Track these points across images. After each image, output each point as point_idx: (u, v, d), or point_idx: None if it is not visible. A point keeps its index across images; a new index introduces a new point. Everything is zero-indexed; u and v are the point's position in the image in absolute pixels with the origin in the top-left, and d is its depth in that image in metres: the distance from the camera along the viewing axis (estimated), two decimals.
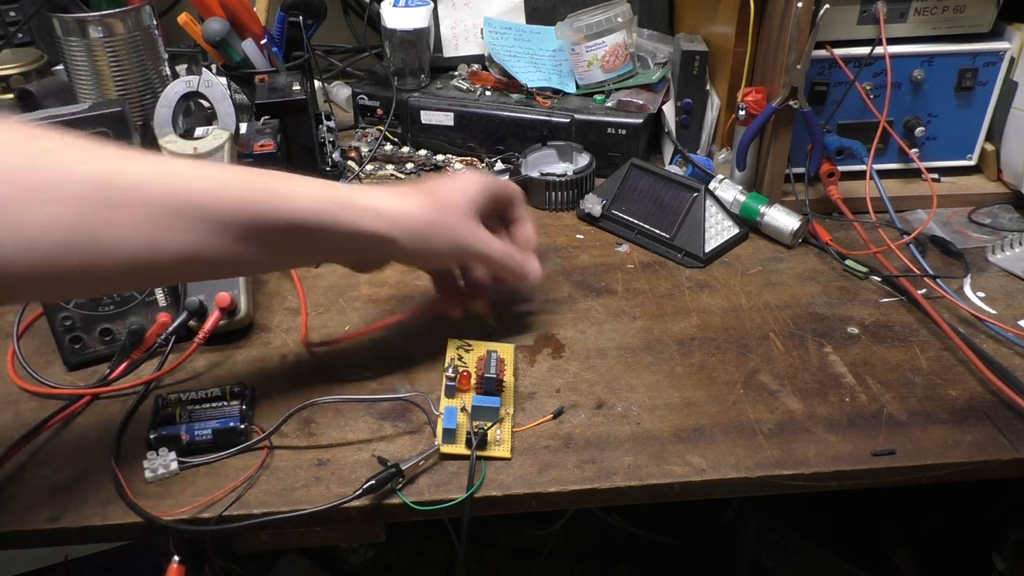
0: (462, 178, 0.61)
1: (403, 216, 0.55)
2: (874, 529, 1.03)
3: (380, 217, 0.54)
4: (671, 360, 0.66)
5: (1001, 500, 0.89)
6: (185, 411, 0.57)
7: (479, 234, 0.60)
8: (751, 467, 0.56)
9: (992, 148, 0.87)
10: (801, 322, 0.70)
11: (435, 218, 0.57)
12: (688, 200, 0.81)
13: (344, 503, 0.53)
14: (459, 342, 0.66)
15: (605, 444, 0.58)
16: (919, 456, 0.57)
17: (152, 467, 0.55)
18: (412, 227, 0.56)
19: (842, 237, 0.82)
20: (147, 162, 0.48)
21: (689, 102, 0.92)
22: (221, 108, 0.74)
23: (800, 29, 0.75)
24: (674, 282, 0.76)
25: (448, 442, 0.56)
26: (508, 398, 0.61)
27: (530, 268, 0.64)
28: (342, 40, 1.23)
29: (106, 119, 0.63)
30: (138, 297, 0.68)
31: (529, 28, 1.08)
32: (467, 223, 0.59)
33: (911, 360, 0.66)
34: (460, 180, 0.61)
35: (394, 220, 0.55)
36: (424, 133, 1.00)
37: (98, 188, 0.44)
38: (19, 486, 0.55)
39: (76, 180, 0.44)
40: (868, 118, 0.83)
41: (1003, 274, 0.76)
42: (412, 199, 0.57)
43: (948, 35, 0.82)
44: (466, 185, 0.60)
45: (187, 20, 0.86)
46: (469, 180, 0.61)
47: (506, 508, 0.55)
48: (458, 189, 0.59)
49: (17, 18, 1.03)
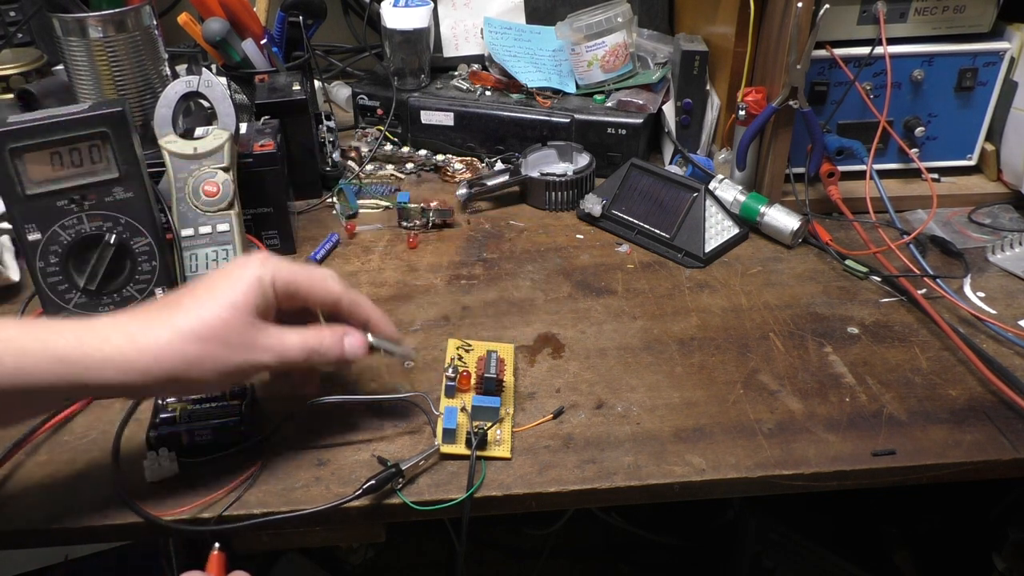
0: (229, 278, 0.51)
1: (149, 361, 0.46)
2: (874, 529, 1.03)
3: (121, 369, 0.46)
4: (671, 360, 0.66)
5: (1001, 500, 0.89)
6: (185, 411, 0.57)
7: (261, 344, 0.50)
8: (751, 467, 0.56)
9: (992, 148, 0.87)
10: (801, 322, 0.70)
11: (190, 352, 0.47)
12: (688, 200, 0.81)
13: (344, 503, 0.53)
14: (459, 342, 0.66)
15: (605, 444, 0.58)
16: (919, 456, 0.57)
17: (152, 467, 0.55)
18: (163, 371, 0.47)
19: (842, 237, 0.82)
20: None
21: (689, 102, 0.92)
22: (221, 108, 0.74)
23: (800, 29, 0.75)
24: (674, 282, 0.76)
25: (448, 442, 0.56)
26: (508, 398, 0.61)
27: (348, 351, 0.55)
28: (342, 40, 1.23)
29: (106, 119, 0.63)
30: (138, 297, 0.68)
31: (529, 28, 1.08)
32: (238, 340, 0.49)
33: (911, 360, 0.66)
34: (224, 283, 0.50)
35: (139, 368, 0.46)
36: (424, 133, 1.00)
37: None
38: (19, 486, 0.55)
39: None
40: (868, 118, 0.83)
41: (1003, 274, 0.76)
42: (161, 331, 0.47)
43: (948, 35, 0.82)
44: (232, 291, 0.50)
45: (187, 20, 0.86)
46: (237, 281, 0.50)
47: (506, 508, 0.55)
48: (220, 300, 0.49)
49: (17, 18, 1.03)
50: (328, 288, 0.55)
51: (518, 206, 0.91)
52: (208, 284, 0.51)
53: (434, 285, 0.76)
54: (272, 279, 0.52)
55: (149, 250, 0.68)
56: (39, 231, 0.64)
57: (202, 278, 0.52)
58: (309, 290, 0.54)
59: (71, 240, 0.65)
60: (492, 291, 0.75)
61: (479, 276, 0.78)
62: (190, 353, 0.47)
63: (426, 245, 0.83)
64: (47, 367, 0.45)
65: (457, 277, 0.78)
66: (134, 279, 0.68)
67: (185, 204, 0.71)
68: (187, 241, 0.71)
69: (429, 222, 0.85)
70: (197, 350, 0.48)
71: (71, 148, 0.64)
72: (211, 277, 0.52)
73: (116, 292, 0.68)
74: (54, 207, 0.64)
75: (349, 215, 0.88)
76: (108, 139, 0.64)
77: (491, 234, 0.85)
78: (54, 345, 0.45)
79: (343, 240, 0.84)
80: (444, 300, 0.74)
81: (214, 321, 0.48)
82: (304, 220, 0.88)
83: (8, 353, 0.44)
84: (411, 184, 0.96)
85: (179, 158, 0.71)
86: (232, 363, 0.49)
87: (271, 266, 0.52)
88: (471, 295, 0.75)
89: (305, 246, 0.83)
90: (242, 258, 0.53)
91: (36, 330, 0.46)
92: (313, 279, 0.54)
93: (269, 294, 0.51)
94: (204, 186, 0.71)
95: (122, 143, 0.64)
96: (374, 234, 0.85)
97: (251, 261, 0.52)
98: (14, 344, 0.45)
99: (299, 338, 0.52)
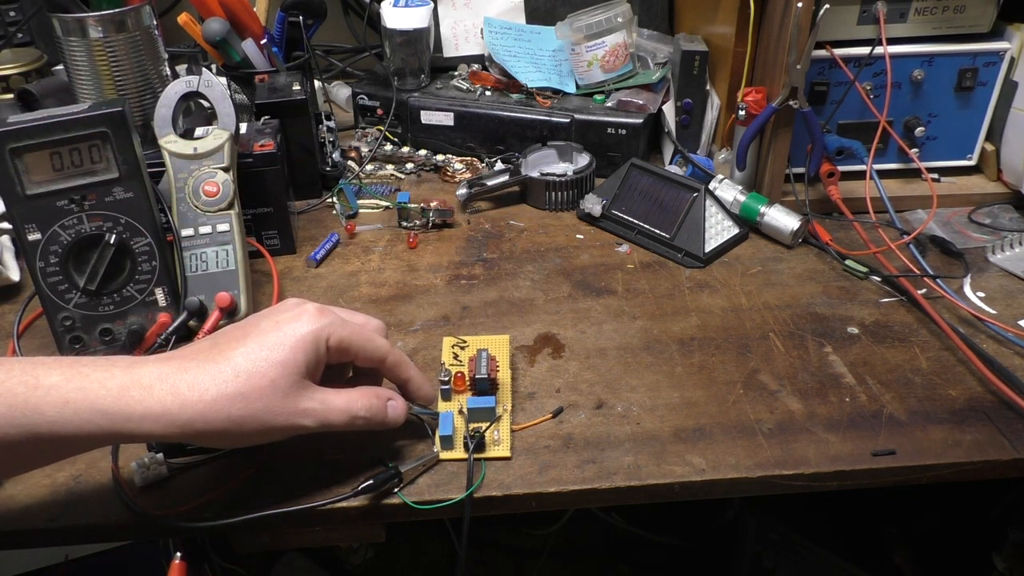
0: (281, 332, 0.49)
1: (192, 417, 0.45)
2: (874, 529, 1.02)
3: (162, 423, 0.45)
4: (671, 360, 0.66)
5: (1001, 500, 0.89)
6: None
7: (305, 408, 0.49)
8: (751, 467, 0.56)
9: (992, 148, 0.87)
10: (801, 322, 0.70)
11: (234, 413, 0.46)
12: (688, 200, 0.81)
13: (343, 501, 0.53)
14: (454, 339, 0.66)
15: (605, 444, 0.58)
16: (919, 456, 0.57)
17: (141, 472, 0.54)
18: (205, 428, 0.46)
19: (842, 237, 0.82)
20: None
21: (689, 102, 0.92)
22: (221, 108, 0.74)
23: (800, 29, 0.75)
24: (674, 282, 0.76)
25: (446, 448, 0.56)
26: (504, 394, 0.61)
27: (390, 417, 0.53)
28: (342, 40, 1.23)
29: (106, 119, 0.63)
30: (138, 297, 0.68)
31: (529, 28, 1.08)
32: (281, 404, 0.47)
33: (911, 360, 0.66)
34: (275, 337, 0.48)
35: (180, 423, 0.45)
36: (424, 133, 1.00)
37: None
38: (19, 486, 0.55)
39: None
40: (868, 118, 0.83)
41: (1003, 274, 0.76)
42: (207, 387, 0.46)
43: (948, 35, 0.82)
44: (283, 349, 0.48)
45: (187, 20, 0.86)
46: (289, 337, 0.48)
47: (506, 508, 0.55)
48: (271, 358, 0.47)
49: (17, 18, 1.03)
50: (377, 347, 0.53)
51: (518, 206, 0.91)
52: (260, 335, 0.49)
53: (434, 285, 0.76)
54: (328, 337, 0.50)
55: (149, 250, 0.68)
56: (39, 231, 0.64)
57: (254, 320, 0.50)
58: (360, 350, 0.52)
59: (71, 240, 0.65)
60: (492, 291, 0.75)
61: (479, 276, 0.78)
62: (233, 414, 0.46)
63: (426, 245, 0.83)
64: (88, 418, 0.44)
65: (457, 277, 0.78)
66: (134, 279, 0.68)
67: (185, 204, 0.71)
68: (187, 241, 0.71)
69: (429, 222, 0.85)
70: (240, 410, 0.46)
71: (71, 148, 0.63)
72: (264, 325, 0.49)
73: (116, 292, 0.68)
74: (54, 207, 0.64)
75: (349, 215, 0.88)
76: (108, 139, 0.64)
77: (491, 234, 0.85)
78: (95, 396, 0.44)
79: (343, 240, 0.84)
80: (444, 300, 0.74)
81: (261, 380, 0.47)
82: (304, 220, 0.88)
83: (50, 404, 0.43)
84: (411, 184, 0.96)
85: (179, 158, 0.71)
86: (273, 424, 0.48)
87: (328, 323, 0.50)
88: (471, 295, 0.75)
89: (305, 246, 0.83)
90: (296, 305, 0.51)
91: (79, 379, 0.44)
92: (365, 338, 0.52)
93: (322, 353, 0.50)
94: (204, 186, 0.71)
95: (122, 143, 0.64)
96: (374, 234, 0.85)
97: (307, 314, 0.50)
98: (56, 394, 0.44)
99: (344, 402, 0.51)
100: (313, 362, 0.49)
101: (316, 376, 0.51)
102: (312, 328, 0.49)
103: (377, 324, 0.56)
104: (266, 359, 0.47)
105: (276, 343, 0.48)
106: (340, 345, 0.51)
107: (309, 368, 0.49)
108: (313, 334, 0.49)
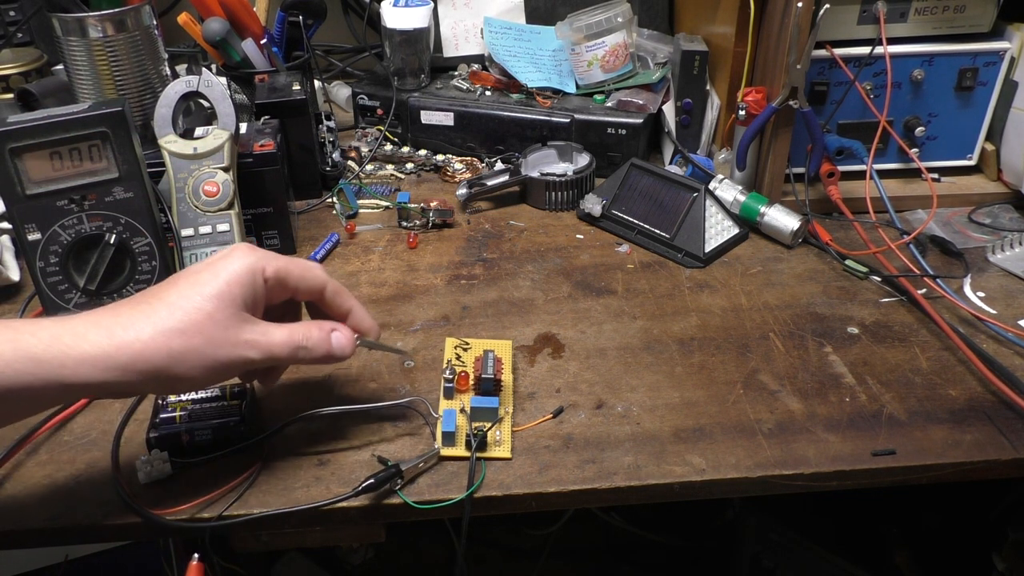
0: (213, 268, 0.49)
1: (129, 358, 0.44)
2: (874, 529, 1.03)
3: (99, 367, 0.44)
4: (671, 360, 0.66)
5: (1001, 500, 0.89)
6: (185, 411, 0.57)
7: (246, 339, 0.48)
8: (751, 467, 0.56)
9: (992, 148, 0.87)
10: (801, 322, 0.70)
11: (173, 348, 0.45)
12: (688, 200, 0.81)
13: (343, 500, 0.53)
14: (457, 340, 0.66)
15: (605, 444, 0.58)
16: (919, 456, 0.57)
17: (145, 469, 0.54)
18: (144, 367, 0.45)
19: (842, 237, 0.82)
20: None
21: (689, 102, 0.92)
22: (221, 108, 0.74)
23: (800, 29, 0.75)
24: (674, 282, 0.76)
25: (448, 445, 0.56)
26: (507, 397, 0.61)
27: (335, 347, 0.53)
28: (342, 40, 1.23)
29: (106, 119, 0.63)
30: None
31: (529, 28, 1.08)
32: (222, 336, 0.47)
33: (911, 360, 0.66)
34: (208, 274, 0.48)
35: (119, 366, 0.44)
36: (424, 133, 1.00)
37: None
38: (19, 486, 0.55)
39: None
40: (868, 118, 0.83)
41: (1003, 274, 0.76)
42: (142, 326, 0.45)
43: (948, 35, 0.82)
44: (217, 282, 0.48)
45: (187, 20, 0.86)
46: (222, 271, 0.48)
47: (506, 508, 0.55)
48: (204, 292, 0.47)
49: (17, 18, 1.03)
50: (315, 275, 0.53)
51: (518, 206, 0.91)
52: (192, 275, 0.48)
53: (434, 285, 0.76)
54: (263, 268, 0.50)
55: (149, 250, 0.68)
56: (39, 231, 0.64)
57: (187, 269, 0.49)
58: (299, 279, 0.52)
59: (71, 240, 0.65)
60: (492, 291, 0.75)
61: (479, 276, 0.78)
62: (173, 349, 0.45)
63: (426, 245, 0.83)
64: (21, 368, 0.43)
65: (457, 277, 0.78)
66: (134, 279, 0.68)
67: (185, 204, 0.71)
68: (187, 241, 0.71)
69: (429, 222, 0.85)
70: (180, 345, 0.46)
71: (71, 148, 0.64)
72: (196, 267, 0.49)
73: (116, 292, 0.68)
74: (54, 207, 0.64)
75: (349, 215, 0.88)
76: (108, 139, 0.64)
77: (491, 234, 0.85)
78: (27, 345, 0.43)
79: (343, 240, 0.84)
80: (444, 300, 0.74)
81: (197, 315, 0.46)
82: (304, 220, 0.88)
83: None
84: (411, 184, 0.96)
85: (179, 158, 0.71)
86: (216, 359, 0.47)
87: (262, 255, 0.50)
88: (471, 295, 0.75)
89: (305, 246, 0.83)
90: (228, 248, 0.51)
91: (9, 331, 0.44)
92: (302, 267, 0.52)
93: (259, 285, 0.49)
94: (204, 186, 0.71)
95: (122, 143, 0.64)
96: (374, 234, 0.85)
97: (238, 250, 0.50)
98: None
99: (286, 333, 0.50)
100: (251, 296, 0.49)
101: (258, 312, 0.50)
102: (246, 262, 0.49)
103: (313, 262, 0.55)
104: (200, 293, 0.47)
105: (209, 279, 0.48)
106: (277, 275, 0.50)
107: (247, 302, 0.49)
108: (248, 266, 0.49)
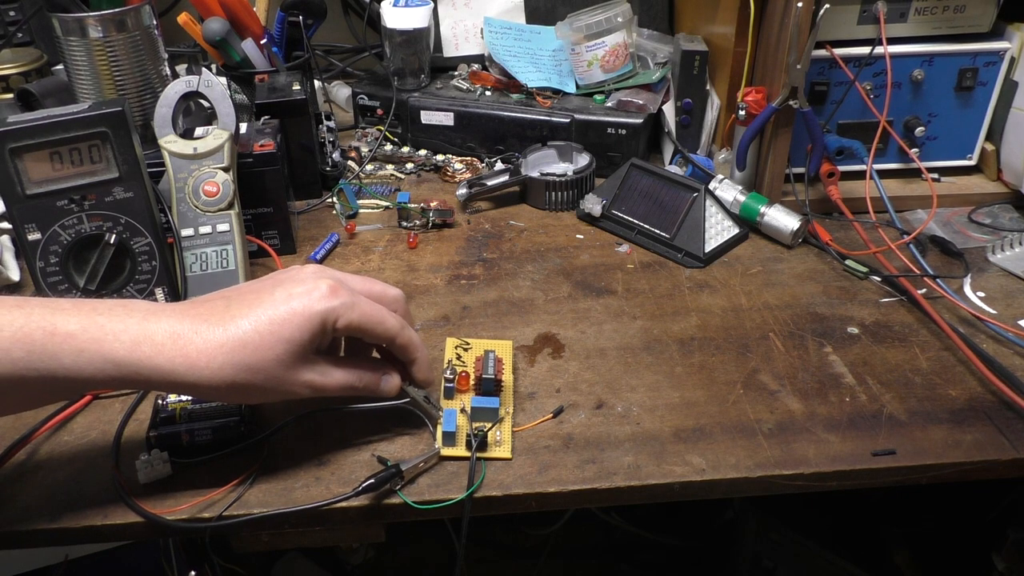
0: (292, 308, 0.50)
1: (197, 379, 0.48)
2: (874, 529, 1.03)
3: (168, 380, 0.48)
4: (671, 360, 0.66)
5: (1001, 500, 0.89)
6: (185, 410, 0.57)
7: (304, 380, 0.51)
8: (751, 467, 0.56)
9: (992, 148, 0.87)
10: (801, 322, 0.70)
11: (239, 380, 0.48)
12: (688, 200, 0.81)
13: (343, 500, 0.53)
14: (458, 341, 0.66)
15: (605, 444, 0.58)
16: (919, 456, 0.57)
17: (145, 468, 0.54)
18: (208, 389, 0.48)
19: (842, 237, 0.82)
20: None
21: (689, 102, 0.92)
22: (221, 108, 0.74)
23: (800, 29, 0.75)
24: (674, 282, 0.76)
25: (448, 445, 0.56)
26: (507, 397, 0.61)
27: (383, 389, 0.56)
28: (342, 40, 1.23)
29: (106, 119, 0.63)
30: (138, 297, 0.68)
31: (529, 28, 1.08)
32: (284, 376, 0.50)
33: (911, 360, 0.66)
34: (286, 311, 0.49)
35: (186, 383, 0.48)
36: (424, 133, 1.00)
37: None
38: (19, 486, 0.55)
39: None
40: (868, 118, 0.83)
41: (1003, 274, 0.76)
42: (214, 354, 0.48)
43: (948, 35, 0.82)
44: (291, 327, 0.49)
45: (187, 20, 0.86)
46: (298, 316, 0.50)
47: (506, 508, 0.55)
48: (279, 334, 0.49)
49: (17, 18, 1.03)
50: (386, 329, 0.54)
51: (518, 206, 0.91)
52: (272, 306, 0.50)
53: (434, 285, 0.76)
54: (335, 320, 0.51)
55: (149, 250, 0.68)
56: (39, 231, 0.64)
57: (269, 286, 0.51)
58: (370, 333, 0.53)
59: (71, 240, 0.65)
60: (492, 291, 0.75)
61: (479, 276, 0.78)
62: (238, 381, 0.48)
63: (426, 245, 0.83)
64: (100, 367, 0.46)
65: (457, 277, 0.78)
66: (134, 279, 0.68)
67: (185, 204, 0.71)
68: (187, 241, 0.71)
69: (429, 222, 0.85)
70: (243, 380, 0.49)
71: (71, 148, 0.64)
72: (276, 295, 0.50)
73: (116, 292, 0.68)
74: (54, 207, 0.64)
75: (349, 215, 0.88)
76: (108, 139, 0.64)
77: (491, 234, 0.85)
78: (109, 348, 0.46)
79: (343, 240, 0.84)
80: (444, 300, 0.74)
81: (268, 355, 0.49)
82: (304, 220, 0.88)
83: (66, 352, 0.46)
84: (411, 184, 0.96)
85: (179, 158, 0.71)
86: (270, 393, 0.50)
87: (338, 305, 0.51)
88: (471, 295, 0.75)
89: (305, 246, 0.83)
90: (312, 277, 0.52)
91: (95, 329, 0.47)
92: (374, 322, 0.53)
93: (328, 333, 0.51)
94: (204, 186, 0.71)
95: (122, 143, 0.64)
96: (374, 234, 0.85)
97: (318, 292, 0.51)
98: (72, 343, 0.46)
99: (343, 377, 0.53)
100: (318, 340, 0.51)
101: (321, 347, 0.53)
102: (321, 309, 0.50)
103: (395, 295, 0.56)
104: (272, 334, 0.49)
105: (285, 318, 0.49)
106: (348, 328, 0.52)
107: (313, 345, 0.51)
108: (321, 316, 0.50)
